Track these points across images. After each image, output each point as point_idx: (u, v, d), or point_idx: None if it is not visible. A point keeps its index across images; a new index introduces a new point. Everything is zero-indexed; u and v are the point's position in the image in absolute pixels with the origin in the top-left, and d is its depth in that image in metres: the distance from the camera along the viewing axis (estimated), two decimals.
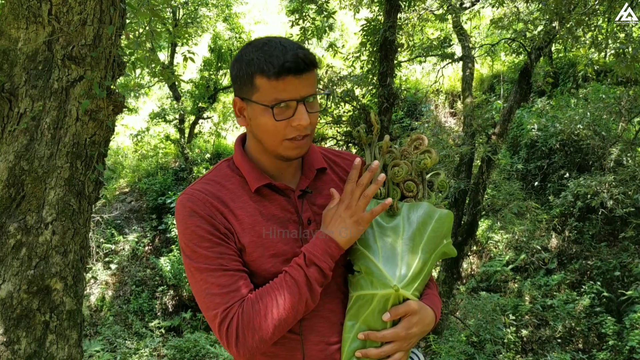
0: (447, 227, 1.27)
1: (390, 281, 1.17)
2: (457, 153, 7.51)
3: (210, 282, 1.17)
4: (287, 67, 1.14)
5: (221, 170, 1.31)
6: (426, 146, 1.34)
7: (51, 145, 2.37)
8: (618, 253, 7.64)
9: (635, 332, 6.26)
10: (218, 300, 1.16)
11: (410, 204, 1.28)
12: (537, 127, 9.17)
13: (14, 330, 2.24)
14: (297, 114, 1.18)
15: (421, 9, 8.22)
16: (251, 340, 1.14)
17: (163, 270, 9.44)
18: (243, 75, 1.19)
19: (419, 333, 1.22)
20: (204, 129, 12.74)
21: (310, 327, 1.22)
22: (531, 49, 7.16)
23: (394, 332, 1.19)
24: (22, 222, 2.31)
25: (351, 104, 6.79)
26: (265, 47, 1.17)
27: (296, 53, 1.15)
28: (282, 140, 1.20)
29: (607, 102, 7.99)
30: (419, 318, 1.21)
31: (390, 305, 1.19)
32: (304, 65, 1.16)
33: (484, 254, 9.22)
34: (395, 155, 1.34)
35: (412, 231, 1.23)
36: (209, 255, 1.18)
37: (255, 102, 1.19)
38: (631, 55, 5.04)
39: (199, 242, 1.19)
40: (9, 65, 2.38)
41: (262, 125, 1.19)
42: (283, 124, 1.18)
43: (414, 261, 1.20)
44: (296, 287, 1.16)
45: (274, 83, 1.15)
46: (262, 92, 1.17)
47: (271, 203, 1.27)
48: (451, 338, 6.96)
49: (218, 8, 11.26)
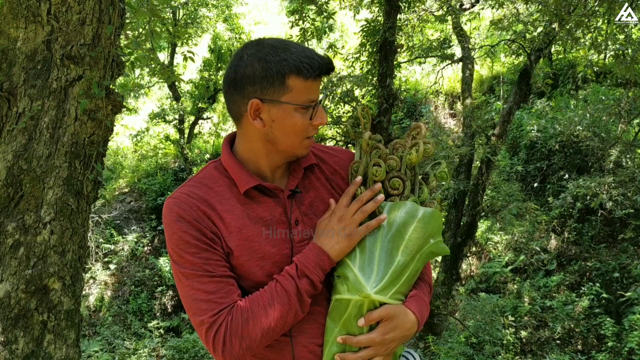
0: (434, 226, 1.23)
1: (364, 287, 1.16)
2: (457, 154, 7.51)
3: (197, 288, 1.17)
4: (325, 69, 1.18)
5: (209, 172, 1.30)
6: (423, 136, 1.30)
7: (50, 144, 2.37)
8: (617, 254, 7.64)
9: (635, 333, 6.25)
10: (205, 306, 1.16)
11: (393, 204, 1.24)
12: (536, 129, 9.17)
13: (11, 330, 2.23)
14: (320, 112, 1.23)
15: (421, 10, 8.23)
16: (238, 348, 1.14)
17: (162, 270, 9.44)
18: (272, 76, 1.17)
19: (399, 337, 1.20)
20: (204, 129, 12.75)
21: (299, 328, 1.22)
22: (531, 50, 7.16)
23: (368, 337, 1.18)
24: (21, 221, 2.30)
25: (351, 105, 6.79)
26: (294, 49, 1.18)
27: (325, 56, 1.20)
28: (303, 139, 1.24)
29: (606, 103, 7.99)
30: (397, 323, 1.19)
31: (365, 311, 1.18)
32: (332, 67, 1.22)
33: (483, 255, 9.21)
34: (381, 152, 1.30)
35: (392, 233, 1.20)
36: (195, 261, 1.17)
37: (287, 103, 1.18)
38: (631, 56, 5.04)
39: (186, 248, 1.18)
40: (7, 64, 2.38)
41: (291, 125, 1.20)
42: (308, 123, 1.22)
43: (392, 264, 1.18)
44: (286, 298, 1.16)
45: (309, 84, 1.18)
46: (295, 93, 1.18)
47: (259, 205, 1.26)
48: (450, 339, 6.95)
49: (218, 8, 11.26)
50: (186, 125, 11.81)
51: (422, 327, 1.28)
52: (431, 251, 1.25)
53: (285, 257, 1.23)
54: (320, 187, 1.33)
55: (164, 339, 8.35)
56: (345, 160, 1.40)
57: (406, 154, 1.27)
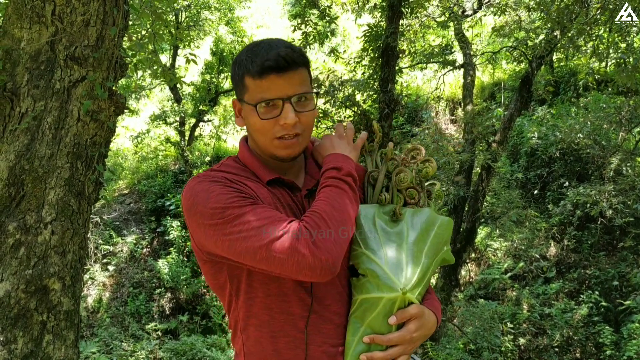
0: (448, 234, 1.29)
1: (398, 284, 1.18)
2: (457, 160, 7.52)
3: (257, 216, 1.10)
4: (267, 66, 1.15)
5: (229, 165, 1.31)
6: (424, 156, 1.38)
7: (52, 145, 2.37)
8: (616, 263, 7.64)
9: (633, 342, 6.25)
10: (274, 224, 1.09)
11: (414, 210, 1.30)
12: (537, 136, 9.19)
13: (11, 330, 2.23)
14: (283, 112, 1.19)
15: (423, 16, 8.25)
16: (330, 243, 1.09)
17: (161, 272, 9.42)
18: (236, 77, 1.23)
19: (422, 337, 1.23)
20: (205, 132, 12.75)
21: (316, 327, 1.22)
22: (532, 57, 7.18)
23: (401, 335, 1.19)
24: (22, 221, 2.30)
25: (352, 109, 6.80)
26: (255, 48, 1.20)
27: (278, 52, 1.16)
28: (272, 139, 1.22)
29: (607, 111, 8.01)
30: (423, 322, 1.22)
31: (396, 309, 1.19)
32: (284, 64, 1.16)
33: (483, 261, 9.21)
34: (397, 163, 1.36)
35: (415, 236, 1.25)
36: (243, 204, 1.12)
37: (246, 102, 1.22)
38: (632, 65, 5.06)
39: (229, 200, 1.12)
40: (11, 64, 2.38)
41: (252, 124, 1.22)
42: (271, 122, 1.20)
43: (418, 266, 1.21)
44: (347, 192, 1.20)
45: (258, 82, 1.18)
46: (250, 92, 1.20)
47: (282, 197, 1.27)
48: (448, 345, 6.94)
49: (220, 11, 11.28)
50: (187, 128, 11.82)
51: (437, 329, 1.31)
52: (443, 258, 1.29)
53: None
54: None
55: (161, 341, 8.33)
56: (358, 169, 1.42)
57: (422, 167, 1.35)
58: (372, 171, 1.39)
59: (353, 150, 1.33)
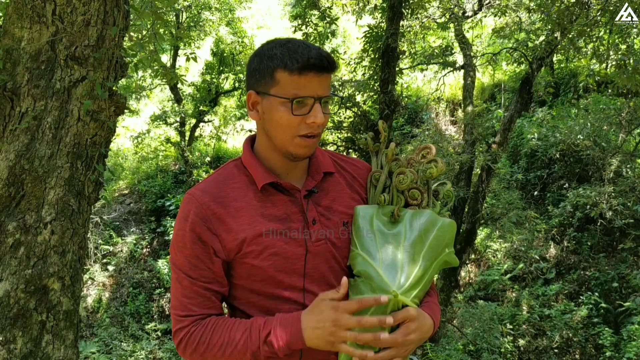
0: (450, 237, 1.27)
1: (390, 287, 1.17)
2: (457, 161, 7.52)
3: (182, 286, 1.26)
4: (311, 64, 1.16)
5: (228, 170, 1.33)
6: (433, 155, 1.35)
7: (52, 145, 2.37)
8: (616, 264, 7.64)
9: (633, 343, 6.24)
10: (180, 308, 1.26)
11: (414, 212, 1.28)
12: (537, 137, 9.19)
13: (10, 330, 2.23)
14: (313, 111, 1.20)
15: (423, 17, 8.25)
16: (189, 357, 1.25)
17: (160, 272, 9.42)
18: (263, 69, 1.21)
19: (417, 340, 1.21)
20: (205, 132, 12.75)
21: None
22: (533, 58, 7.18)
23: (392, 337, 1.18)
24: (21, 221, 2.30)
25: (352, 110, 6.80)
26: (290, 44, 1.20)
27: (320, 52, 1.18)
28: (294, 137, 1.22)
29: (607, 113, 8.01)
30: (418, 325, 1.20)
31: (389, 311, 1.18)
32: (327, 64, 1.19)
33: (482, 262, 9.20)
34: (400, 163, 1.35)
35: (413, 238, 1.23)
36: (184, 263, 1.25)
37: (274, 96, 1.20)
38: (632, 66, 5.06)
39: (182, 248, 1.26)
40: (11, 64, 2.38)
41: (277, 119, 1.21)
42: (298, 119, 1.20)
43: (414, 268, 1.20)
44: (243, 349, 1.20)
45: (295, 78, 1.17)
46: (281, 86, 1.19)
47: (274, 204, 1.27)
48: (448, 346, 6.94)
49: (221, 12, 11.29)
50: (187, 128, 11.81)
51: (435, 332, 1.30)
52: (445, 260, 1.28)
53: (298, 255, 1.24)
54: (340, 191, 1.36)
55: (161, 342, 8.32)
56: (363, 170, 1.43)
57: (426, 168, 1.32)
58: (374, 172, 1.38)
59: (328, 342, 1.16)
